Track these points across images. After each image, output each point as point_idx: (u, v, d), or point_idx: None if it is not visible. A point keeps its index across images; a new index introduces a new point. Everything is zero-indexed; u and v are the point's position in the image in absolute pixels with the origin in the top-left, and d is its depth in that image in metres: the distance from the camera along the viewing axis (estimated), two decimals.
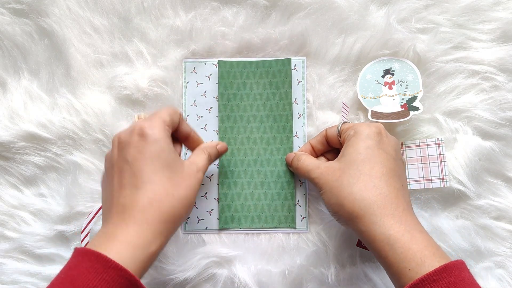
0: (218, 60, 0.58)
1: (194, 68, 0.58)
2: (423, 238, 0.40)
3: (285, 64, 0.57)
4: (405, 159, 0.55)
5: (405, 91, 0.55)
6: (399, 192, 0.43)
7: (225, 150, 0.53)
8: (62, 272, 0.37)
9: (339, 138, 0.49)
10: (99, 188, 0.55)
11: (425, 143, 0.55)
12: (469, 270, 0.40)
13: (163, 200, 0.40)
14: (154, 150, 0.41)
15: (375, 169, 0.43)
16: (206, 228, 0.57)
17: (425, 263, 0.38)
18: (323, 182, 0.45)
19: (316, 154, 0.53)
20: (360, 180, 0.43)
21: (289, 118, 0.57)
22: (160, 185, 0.40)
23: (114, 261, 0.35)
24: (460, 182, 0.54)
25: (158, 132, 0.41)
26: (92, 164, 0.57)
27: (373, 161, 0.43)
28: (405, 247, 0.39)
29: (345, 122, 0.50)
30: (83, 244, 0.55)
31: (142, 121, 0.43)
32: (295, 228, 0.56)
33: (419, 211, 0.55)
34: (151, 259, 0.39)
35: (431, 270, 0.37)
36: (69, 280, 0.35)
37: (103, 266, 0.35)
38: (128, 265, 0.36)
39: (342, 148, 0.47)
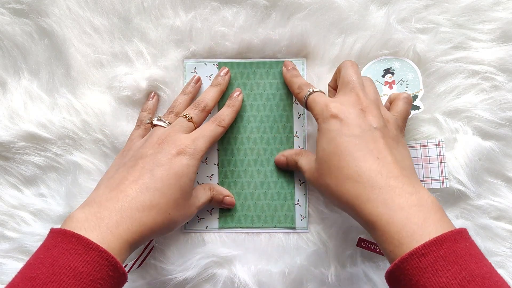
0: (219, 62, 0.58)
1: (195, 69, 0.58)
2: (421, 213, 0.37)
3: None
4: None
5: (406, 90, 0.55)
6: (372, 167, 0.40)
7: (230, 205, 0.55)
8: (39, 252, 0.37)
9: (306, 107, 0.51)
10: None
11: (426, 144, 0.55)
12: (469, 239, 0.36)
13: (160, 211, 0.43)
14: (181, 172, 0.45)
15: (342, 161, 0.42)
16: (206, 227, 0.57)
17: (428, 229, 0.36)
18: (313, 185, 0.48)
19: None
20: (333, 176, 0.42)
21: (289, 118, 0.57)
22: (165, 201, 0.44)
23: (95, 243, 0.36)
24: (460, 182, 0.54)
25: (194, 159, 0.46)
26: (92, 164, 0.57)
27: (339, 153, 0.42)
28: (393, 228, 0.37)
29: (314, 91, 0.50)
30: None
31: (188, 136, 0.48)
32: (295, 228, 0.56)
33: None
34: (130, 251, 0.41)
35: (420, 244, 0.35)
36: (49, 260, 0.36)
37: (84, 247, 0.36)
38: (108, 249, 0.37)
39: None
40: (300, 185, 0.57)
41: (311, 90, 0.49)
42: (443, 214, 0.38)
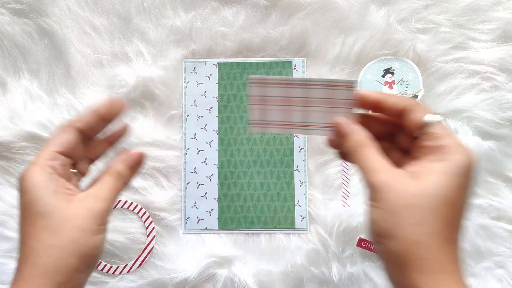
0: (218, 62, 0.58)
1: (194, 68, 0.58)
2: None
3: (286, 67, 0.57)
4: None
5: (406, 90, 0.55)
6: (458, 251, 0.35)
7: (139, 159, 0.41)
8: None
9: (417, 131, 0.37)
10: None
11: (334, 84, 0.42)
12: None
13: (39, 253, 0.36)
14: (25, 202, 0.37)
15: (454, 218, 0.34)
16: (206, 228, 0.57)
17: None
18: (384, 197, 0.34)
19: None
20: (432, 223, 0.33)
21: None
22: (34, 238, 0.36)
23: None
24: None
25: (31, 180, 0.37)
26: (92, 164, 0.56)
27: (457, 207, 0.34)
28: None
29: (441, 119, 0.36)
30: None
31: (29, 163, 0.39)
32: (295, 228, 0.56)
33: None
34: None
35: None
36: None
37: None
38: None
39: (422, 163, 0.35)
40: (301, 185, 0.57)
41: None
42: None
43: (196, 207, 0.57)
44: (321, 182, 0.57)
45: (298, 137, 0.57)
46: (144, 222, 0.56)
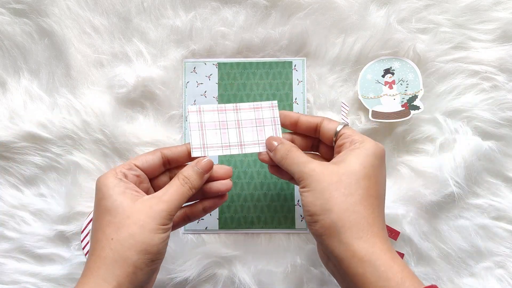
0: (218, 62, 0.58)
1: (194, 68, 0.58)
2: (401, 260, 0.39)
3: (286, 67, 0.57)
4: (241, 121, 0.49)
5: (406, 90, 0.55)
6: (383, 217, 0.42)
7: (208, 167, 0.44)
8: None
9: (334, 139, 0.46)
10: None
11: (260, 106, 0.49)
12: None
13: (103, 246, 0.39)
14: (97, 199, 0.42)
15: (373, 189, 0.41)
16: (206, 228, 0.57)
17: (406, 283, 0.36)
18: (314, 180, 0.41)
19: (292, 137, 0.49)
20: (357, 193, 0.40)
21: None
22: (101, 231, 0.40)
23: None
24: (460, 182, 0.54)
25: (104, 180, 0.41)
26: (92, 164, 0.57)
27: (373, 181, 0.41)
28: (387, 265, 0.37)
29: (345, 125, 0.46)
30: (83, 244, 0.55)
31: None
32: (295, 228, 0.56)
33: (418, 212, 0.55)
34: None
35: None
36: None
37: None
38: None
39: (341, 154, 0.43)
40: None
41: None
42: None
43: None
44: None
45: None
46: None
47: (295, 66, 0.58)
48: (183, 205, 0.44)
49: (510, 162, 0.56)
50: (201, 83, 0.58)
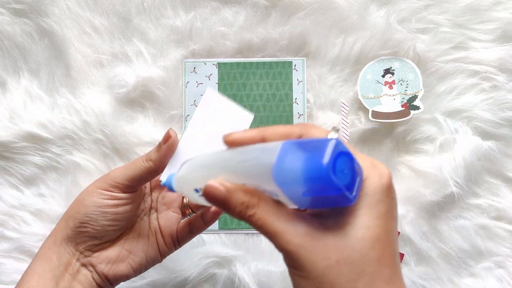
0: (218, 62, 0.58)
1: (194, 68, 0.58)
2: None
3: (286, 67, 0.57)
4: None
5: (406, 90, 0.55)
6: (399, 268, 0.31)
7: (167, 137, 0.39)
8: None
9: None
10: None
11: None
12: None
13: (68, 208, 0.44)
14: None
15: (388, 251, 0.29)
16: None
17: None
18: (307, 262, 0.29)
19: None
20: (368, 271, 0.28)
21: (289, 119, 0.57)
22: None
23: None
24: (459, 182, 0.54)
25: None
26: (92, 164, 0.57)
27: (386, 240, 0.29)
28: None
29: (337, 130, 0.31)
30: None
31: None
32: None
33: (418, 212, 0.55)
34: None
35: None
36: None
37: None
38: None
39: (337, 211, 0.29)
40: None
41: None
42: None
43: None
44: None
45: None
46: None
47: (295, 66, 0.58)
48: (181, 205, 0.46)
49: (510, 162, 0.56)
50: (201, 83, 0.58)
